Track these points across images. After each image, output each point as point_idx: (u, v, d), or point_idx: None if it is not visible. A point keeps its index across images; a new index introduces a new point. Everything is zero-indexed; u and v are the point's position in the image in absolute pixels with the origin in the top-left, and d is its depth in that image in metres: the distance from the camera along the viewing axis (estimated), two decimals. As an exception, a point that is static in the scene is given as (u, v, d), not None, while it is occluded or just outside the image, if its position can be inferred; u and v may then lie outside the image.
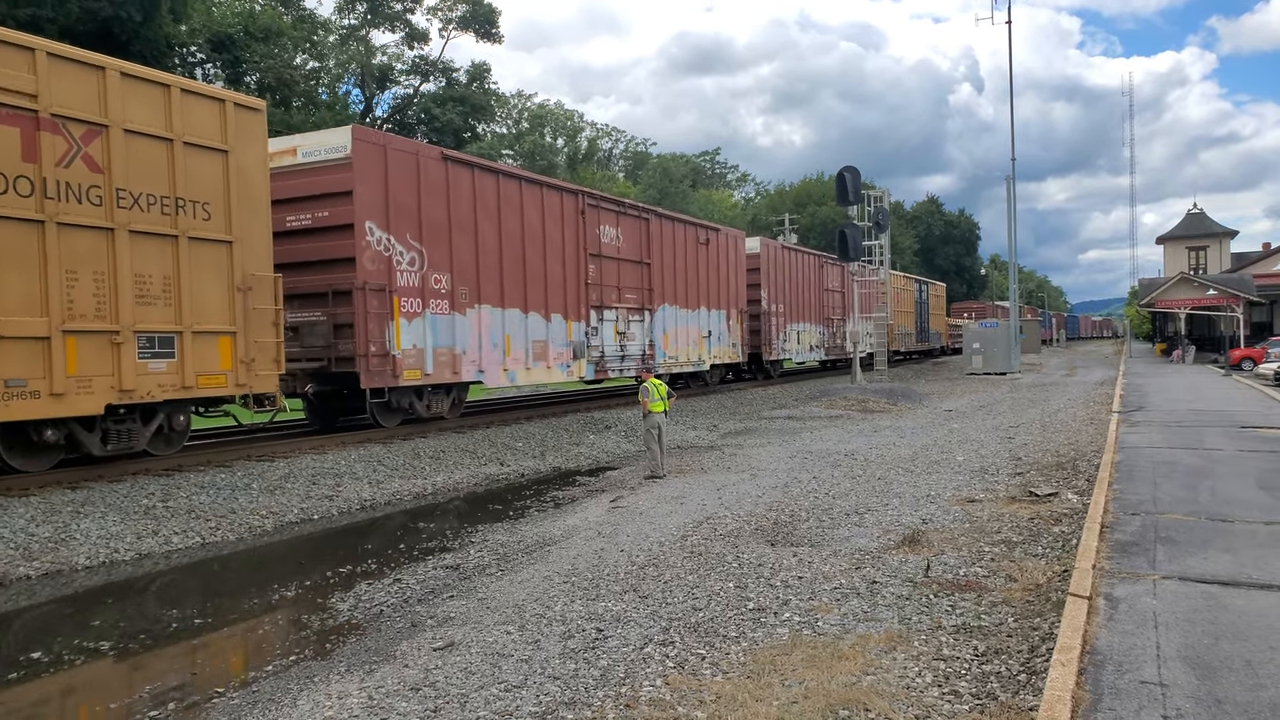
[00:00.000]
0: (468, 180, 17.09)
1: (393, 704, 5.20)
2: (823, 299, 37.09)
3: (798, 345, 34.07)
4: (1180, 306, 44.75)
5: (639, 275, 22.99)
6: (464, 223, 16.88)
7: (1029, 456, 13.92)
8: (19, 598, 8.21)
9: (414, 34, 50.65)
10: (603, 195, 22.52)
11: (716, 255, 27.50)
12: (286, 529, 10.96)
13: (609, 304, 21.59)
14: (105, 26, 29.82)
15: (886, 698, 4.94)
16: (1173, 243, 65.35)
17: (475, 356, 17.15)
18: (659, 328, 23.83)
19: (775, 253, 32.41)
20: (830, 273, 38.15)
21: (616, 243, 21.98)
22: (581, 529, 9.97)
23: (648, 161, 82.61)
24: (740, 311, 28.88)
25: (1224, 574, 6.63)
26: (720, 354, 27.45)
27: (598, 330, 20.97)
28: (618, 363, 21.79)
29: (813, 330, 35.86)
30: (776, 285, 31.97)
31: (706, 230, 27.48)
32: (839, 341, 38.89)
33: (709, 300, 26.93)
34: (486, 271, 17.43)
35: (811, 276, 35.81)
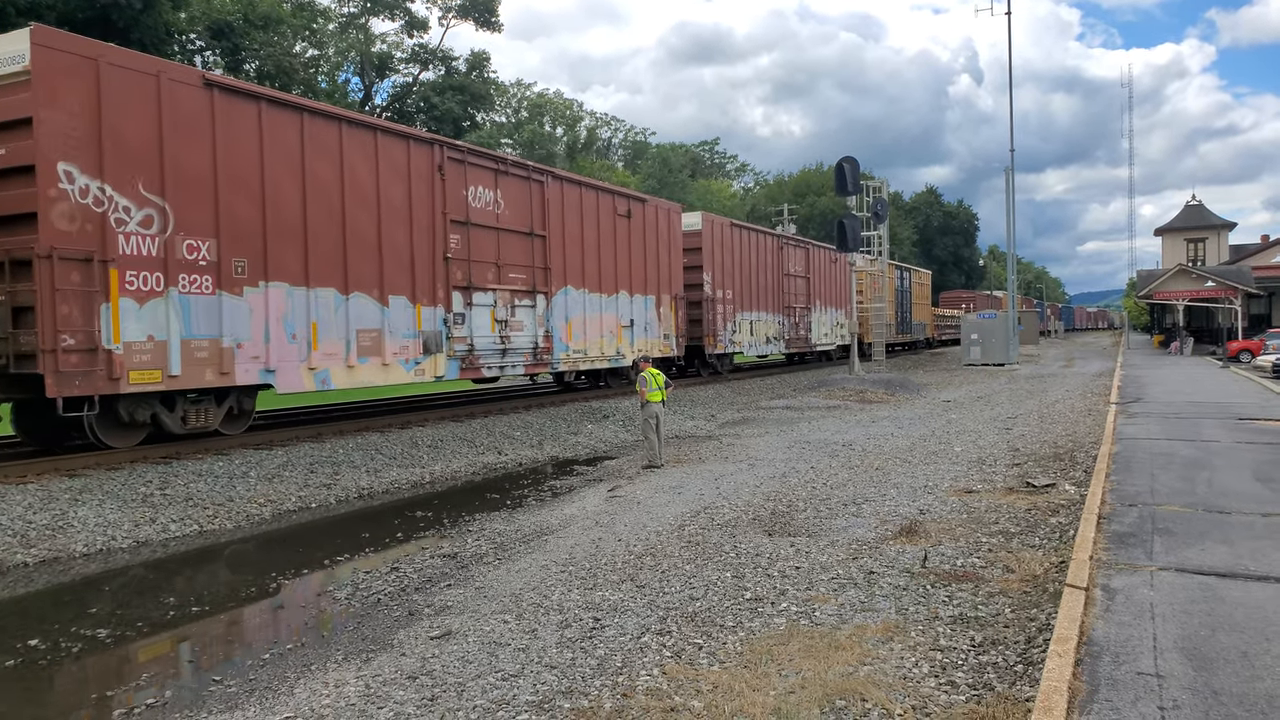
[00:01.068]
0: (250, 117, 12.80)
1: (390, 692, 5.20)
2: (783, 285, 33.01)
3: (751, 337, 30.11)
4: (1178, 298, 44.74)
5: (529, 250, 18.65)
6: (243, 174, 12.61)
7: (1027, 447, 13.92)
8: (16, 585, 8.21)
9: (413, 22, 50.41)
10: (473, 148, 17.77)
11: (643, 230, 23.18)
12: (284, 517, 10.96)
13: (483, 285, 17.26)
14: (104, 14, 29.67)
15: (883, 688, 4.95)
16: (1171, 234, 65.35)
17: (259, 350, 12.84)
18: (558, 315, 19.55)
19: (722, 231, 28.27)
20: (792, 255, 34.29)
21: (495, 209, 17.70)
22: (579, 518, 9.97)
23: (647, 151, 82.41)
24: (676, 298, 24.84)
25: (1221, 566, 6.63)
26: (647, 347, 23.28)
27: (465, 318, 16.77)
28: (496, 358, 17.59)
29: (770, 320, 31.86)
30: (724, 268, 28.02)
31: (629, 200, 22.93)
32: (803, 333, 35.01)
33: (632, 283, 22.62)
34: (280, 239, 13.12)
35: (769, 259, 31.87)
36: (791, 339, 33.89)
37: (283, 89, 39.15)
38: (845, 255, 36.92)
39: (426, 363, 15.97)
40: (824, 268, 37.42)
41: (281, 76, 39.12)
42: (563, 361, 19.86)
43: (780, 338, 32.83)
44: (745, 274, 29.70)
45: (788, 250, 33.87)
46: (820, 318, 37.01)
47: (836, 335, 38.90)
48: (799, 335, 34.67)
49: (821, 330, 37.19)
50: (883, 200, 35.79)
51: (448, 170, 16.50)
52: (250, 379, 12.84)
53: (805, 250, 35.65)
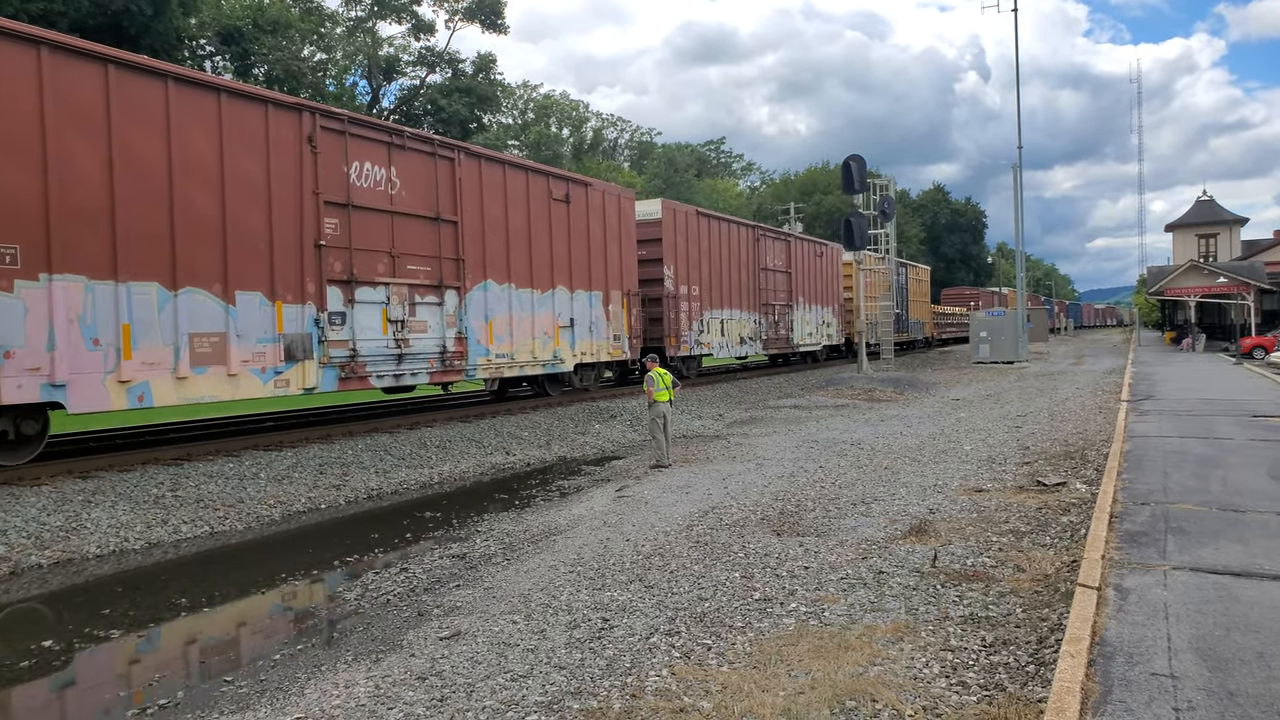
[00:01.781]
0: (24, 66, 10.32)
1: (399, 693, 5.20)
2: (759, 280, 30.03)
3: (722, 337, 27.31)
4: (1190, 294, 44.49)
5: (434, 238, 16.01)
6: (11, 136, 10.21)
7: (1037, 446, 13.86)
8: (31, 586, 8.26)
9: (420, 25, 50.49)
10: (356, 116, 15.06)
11: (586, 217, 20.44)
12: (294, 518, 10.98)
13: (371, 278, 14.63)
14: (115, 20, 29.84)
15: (894, 688, 4.92)
16: (1182, 230, 65.02)
17: (39, 360, 10.37)
18: (475, 314, 16.99)
19: (686, 220, 25.48)
20: (770, 249, 31.25)
21: (388, 189, 15.11)
22: (587, 518, 9.97)
23: (653, 151, 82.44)
24: (629, 294, 22.18)
25: (1236, 565, 6.58)
26: (592, 350, 20.62)
27: (346, 317, 14.14)
28: (389, 364, 15.03)
29: (745, 319, 29.05)
30: (689, 262, 25.28)
31: (567, 182, 20.12)
32: (784, 332, 32.10)
33: (573, 278, 20.01)
34: (74, 221, 10.71)
35: (743, 253, 29.02)
36: (770, 339, 30.96)
37: (291, 92, 39.39)
38: (833, 248, 36.12)
39: (291, 372, 13.32)
40: (808, 262, 34.77)
41: (290, 80, 39.27)
42: (482, 368, 17.31)
43: (757, 338, 29.94)
44: (715, 268, 26.90)
45: (765, 242, 30.89)
46: (804, 316, 34.19)
47: (823, 335, 36.18)
48: (779, 335, 31.75)
49: (805, 330, 34.31)
50: (889, 198, 35.70)
51: (321, 142, 13.82)
52: (24, 396, 10.23)
53: (786, 243, 32.80)
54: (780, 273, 32.04)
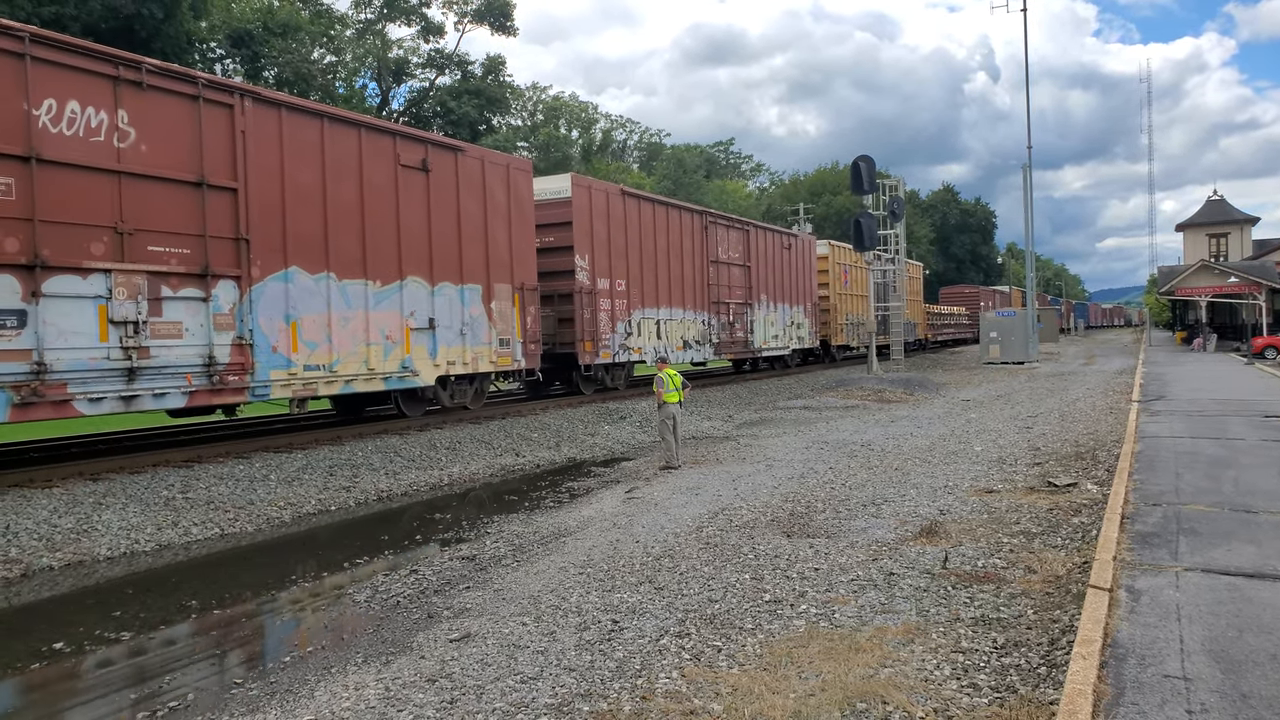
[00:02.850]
0: None
1: (409, 695, 5.21)
2: (709, 274, 26.06)
3: (658, 341, 23.24)
4: (1201, 294, 44.25)
5: (197, 210, 12.01)
6: None
7: (1048, 446, 13.80)
8: (42, 588, 8.30)
9: (430, 27, 50.68)
10: (45, 34, 10.59)
11: (456, 192, 16.29)
12: (304, 520, 11.01)
13: (75, 261, 10.61)
14: (128, 24, 30.01)
15: (905, 690, 4.91)
16: (1193, 230, 64.65)
17: None
18: (268, 312, 12.97)
19: (608, 201, 21.28)
20: (723, 238, 27.09)
21: (113, 140, 11.08)
22: (597, 520, 9.97)
23: (662, 152, 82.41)
24: (525, 289, 18.18)
25: (1248, 566, 6.54)
26: (467, 358, 16.63)
27: (28, 317, 10.18)
28: (115, 383, 10.95)
29: (690, 319, 24.91)
30: (614, 251, 21.32)
31: (425, 146, 15.84)
32: (740, 335, 28.02)
33: (434, 267, 15.82)
34: None
35: (688, 242, 24.99)
36: (725, 343, 27.00)
37: (301, 95, 39.60)
38: (803, 240, 32.63)
39: None
40: (773, 255, 30.47)
41: (300, 83, 39.42)
42: (281, 384, 13.16)
43: (706, 341, 25.88)
44: (649, 260, 22.84)
45: (717, 231, 26.76)
46: (768, 316, 29.91)
47: (791, 337, 31.74)
48: (734, 338, 27.67)
49: (769, 331, 30.06)
50: (899, 199, 35.63)
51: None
52: None
53: (744, 233, 28.64)
54: (736, 266, 27.88)
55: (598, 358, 20.81)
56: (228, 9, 40.19)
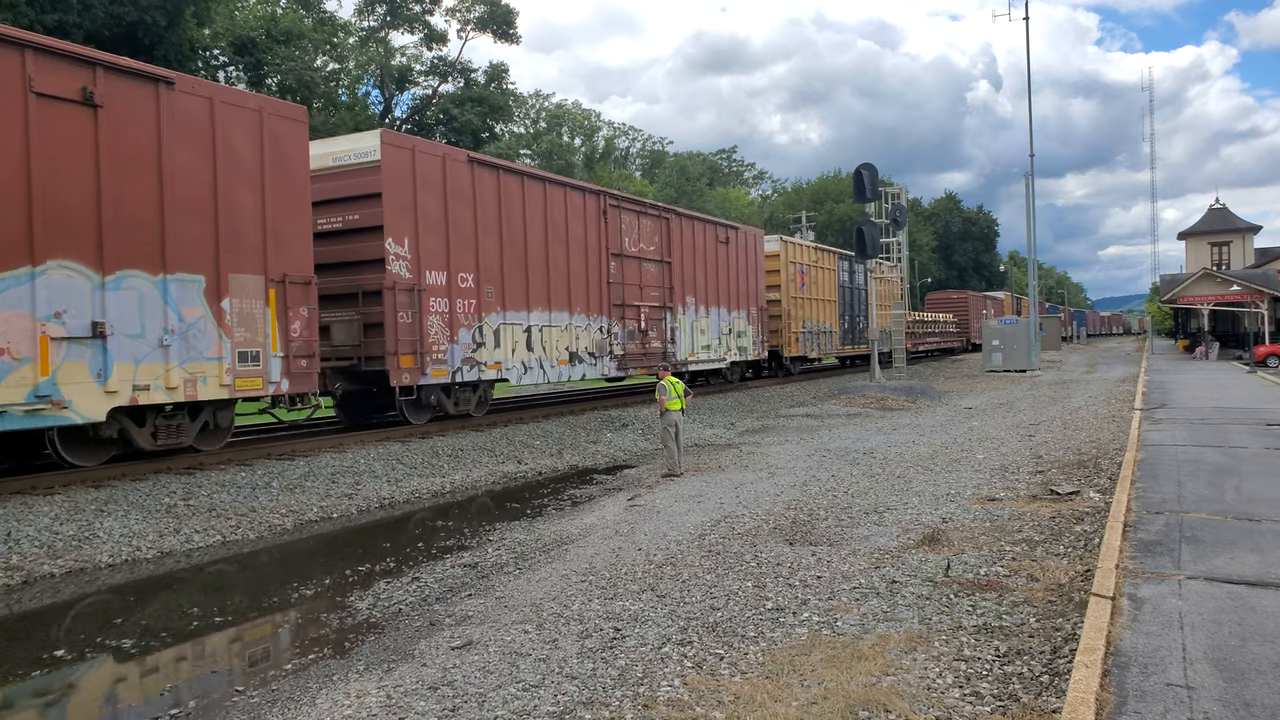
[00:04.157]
0: None
1: (411, 703, 5.20)
2: (608, 271, 21.02)
3: (529, 353, 18.38)
4: (1203, 303, 44.25)
5: None
6: None
7: (1050, 454, 13.79)
8: (43, 595, 8.29)
9: (432, 35, 50.82)
10: None
11: (155, 137, 11.64)
12: (306, 527, 11.01)
13: None
14: (131, 31, 30.11)
15: (907, 699, 4.90)
16: (1195, 238, 64.64)
17: None
18: None
19: (444, 170, 16.30)
20: (633, 226, 22.07)
21: None
22: (599, 527, 9.96)
23: (664, 160, 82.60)
24: (287, 283, 13.29)
25: (1251, 574, 6.53)
26: (173, 379, 11.67)
27: None
28: None
29: (581, 325, 20.03)
30: (452, 235, 16.36)
31: (85, 66, 10.92)
32: (657, 345, 23.04)
33: (100, 248, 10.97)
34: None
35: (579, 228, 19.97)
36: (632, 355, 21.88)
37: (304, 102, 39.81)
38: (746, 233, 28.57)
39: None
40: (704, 250, 25.67)
41: (303, 90, 39.54)
42: None
43: (605, 353, 20.82)
44: (514, 249, 18.00)
45: (623, 217, 21.63)
46: (696, 323, 25.12)
47: (730, 347, 27.08)
48: (648, 349, 22.60)
49: (698, 341, 25.26)
50: (901, 207, 35.68)
51: None
52: None
53: (662, 221, 23.48)
54: (651, 262, 22.90)
55: (425, 376, 15.73)
56: (231, 16, 40.34)
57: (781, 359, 32.03)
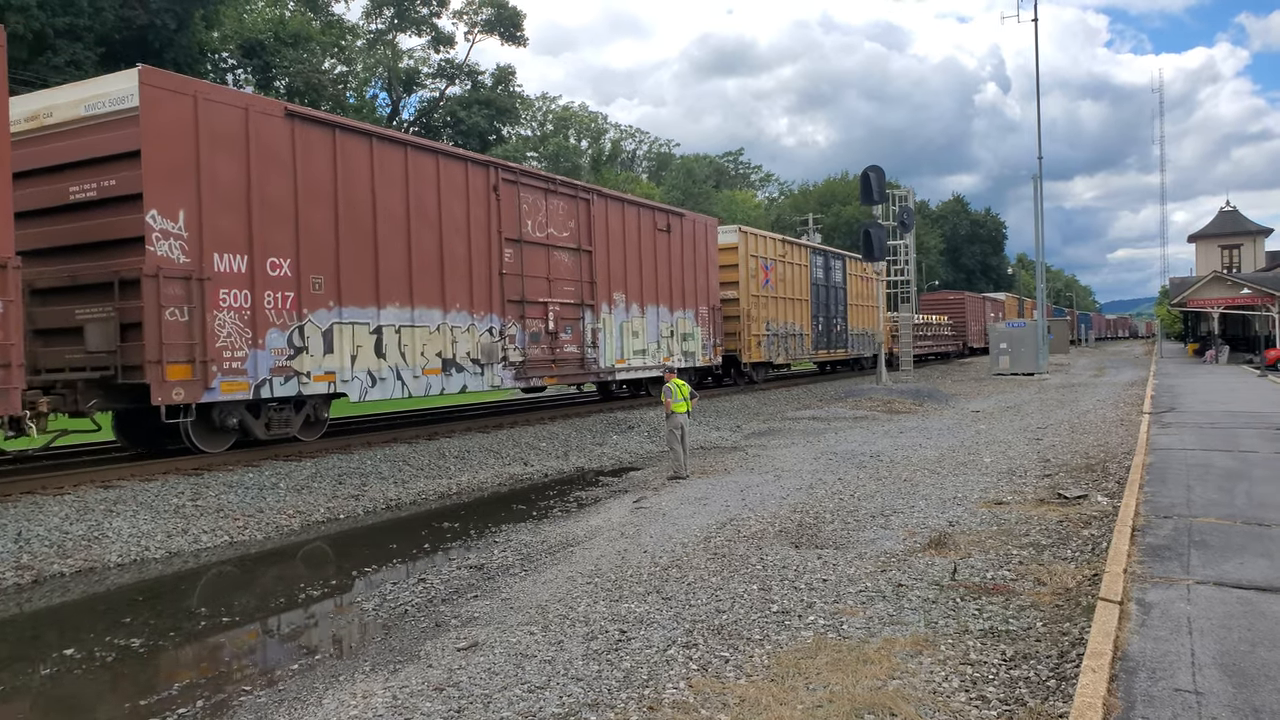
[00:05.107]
0: None
1: (417, 704, 5.21)
2: (502, 260, 17.19)
3: (379, 361, 14.52)
4: (1213, 306, 44.03)
5: None
6: None
7: (1058, 458, 13.74)
8: (53, 595, 8.33)
9: (440, 38, 51.00)
10: None
11: None
12: (313, 528, 11.04)
13: None
14: (141, 34, 30.29)
15: (913, 702, 4.89)
16: (1205, 241, 64.37)
17: None
18: None
19: (246, 125, 12.62)
20: (537, 207, 18.30)
21: None
22: (605, 529, 9.96)
23: (671, 163, 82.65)
24: None
25: (1261, 579, 6.50)
26: None
27: None
28: None
29: (463, 327, 16.25)
30: (255, 208, 12.74)
31: None
32: (573, 350, 19.30)
33: None
34: None
35: (457, 207, 16.22)
36: (537, 361, 18.18)
37: (312, 105, 39.94)
38: (695, 221, 24.99)
39: None
40: (637, 238, 21.87)
41: (311, 93, 39.68)
42: None
43: (497, 358, 17.04)
44: (356, 227, 14.16)
45: (522, 195, 17.87)
46: (628, 324, 21.42)
47: (673, 352, 23.25)
48: (559, 354, 18.90)
49: (630, 345, 21.50)
50: (909, 209, 35.58)
51: None
52: None
53: (580, 203, 19.67)
54: (564, 250, 19.10)
55: (211, 390, 11.96)
56: (239, 20, 40.51)
57: (741, 364, 28.02)
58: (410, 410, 21.78)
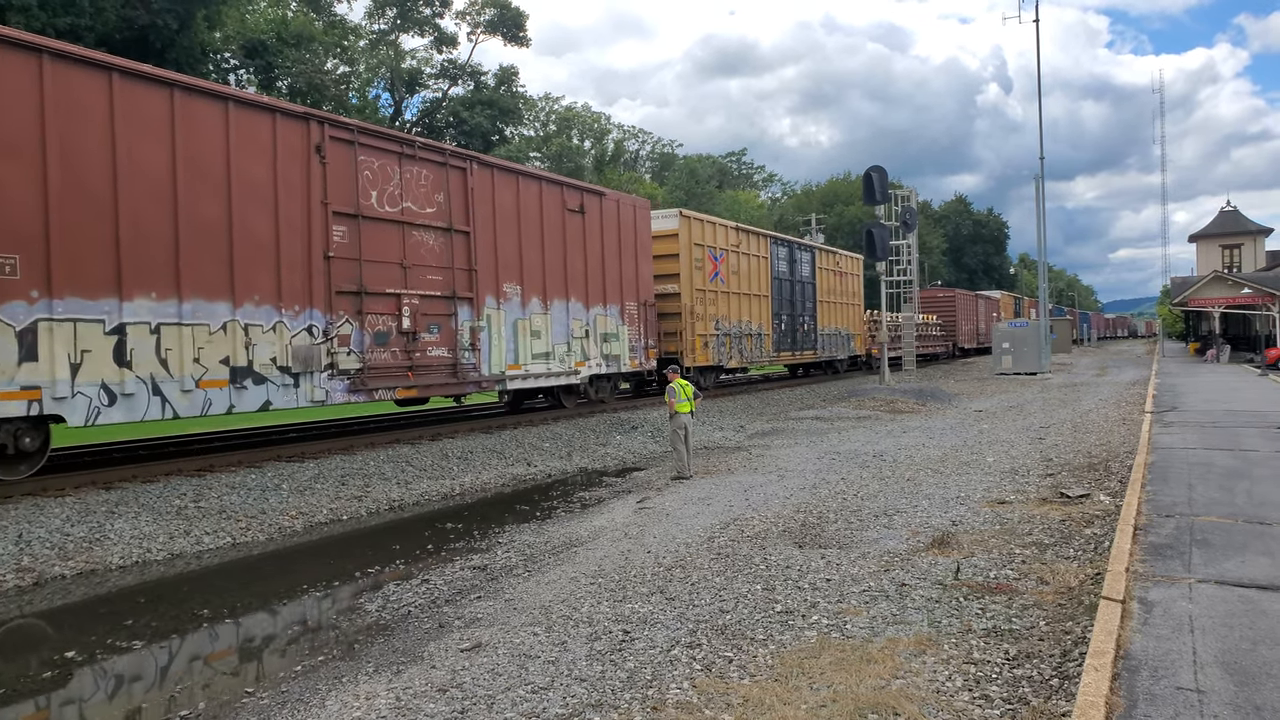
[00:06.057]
0: None
1: (420, 705, 5.21)
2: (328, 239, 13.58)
3: (121, 372, 10.89)
4: (1214, 305, 44.01)
5: None
6: None
7: (1060, 457, 13.74)
8: (54, 597, 8.34)
9: (443, 38, 51.01)
10: None
11: None
12: (316, 529, 11.05)
13: None
14: (142, 34, 30.31)
15: (916, 702, 4.89)
16: (1206, 241, 64.32)
17: None
18: None
19: None
20: (388, 175, 14.75)
21: None
22: (608, 530, 9.97)
23: (674, 163, 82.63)
24: None
25: (1262, 578, 6.50)
26: None
27: None
28: None
29: (266, 326, 12.73)
30: None
31: None
32: (444, 352, 15.71)
33: None
34: None
35: (259, 170, 12.70)
36: (385, 369, 14.53)
37: (314, 105, 39.96)
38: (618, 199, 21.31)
39: None
40: (543, 219, 18.35)
41: (313, 93, 39.71)
42: None
43: (318, 365, 13.42)
44: (82, 192, 10.69)
45: (361, 158, 14.24)
46: (524, 323, 17.78)
47: (589, 354, 19.71)
48: (424, 360, 15.31)
49: (529, 347, 17.90)
50: (911, 209, 35.61)
51: None
52: None
53: (453, 173, 16.06)
54: (430, 230, 15.48)
55: None
56: (241, 20, 40.55)
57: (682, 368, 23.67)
58: (413, 412, 21.79)
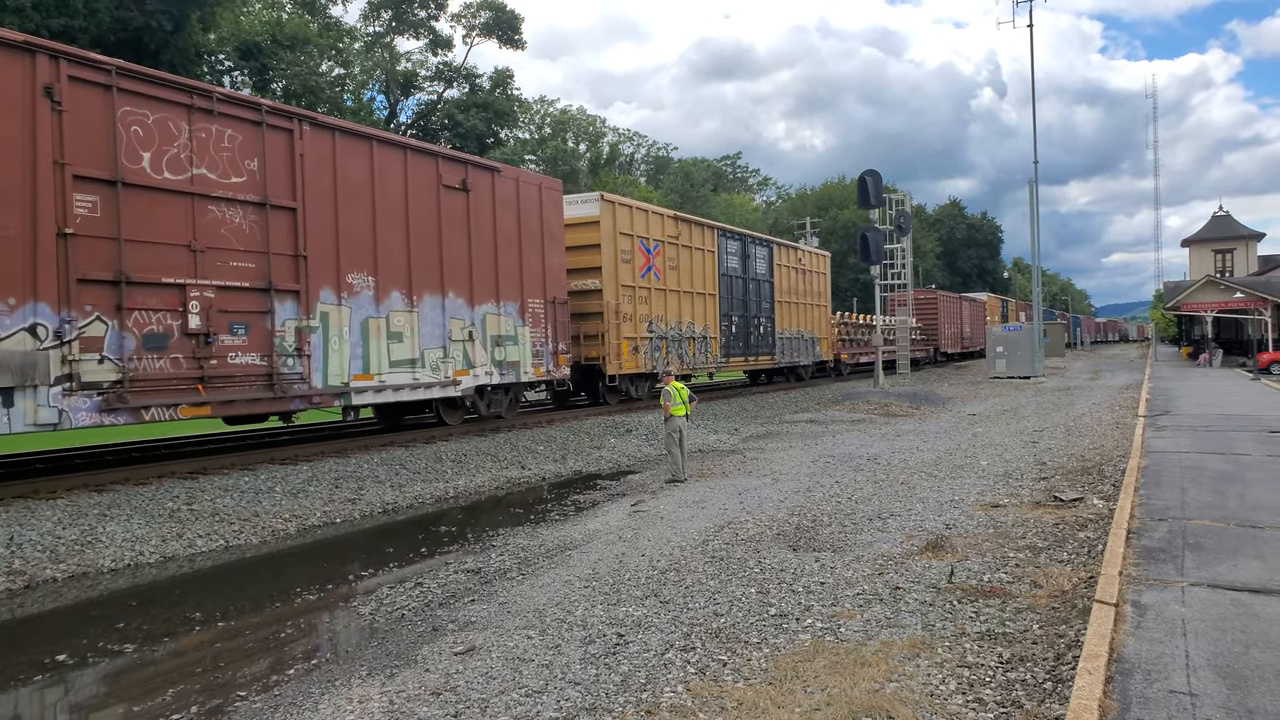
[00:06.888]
0: None
1: (413, 709, 5.20)
2: (51, 211, 10.19)
3: None
4: (1207, 309, 44.18)
5: None
6: None
7: (1054, 461, 13.77)
8: (45, 600, 8.31)
9: (438, 41, 51.02)
10: None
11: None
12: (309, 532, 11.02)
13: None
14: (136, 36, 30.26)
15: (910, 705, 4.89)
16: (1198, 245, 64.64)
17: None
18: None
19: None
20: (175, 132, 11.54)
21: None
22: (602, 533, 9.96)
23: (669, 166, 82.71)
24: None
25: (1255, 581, 6.52)
26: None
27: None
28: None
29: None
30: None
31: None
32: (245, 359, 12.35)
33: None
34: None
35: None
36: (159, 378, 11.27)
37: (309, 107, 39.94)
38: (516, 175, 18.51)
39: None
40: (410, 197, 15.39)
41: (308, 95, 39.67)
42: None
43: (47, 379, 10.09)
44: None
45: (123, 107, 11.04)
46: (379, 323, 14.78)
47: (474, 361, 16.84)
48: (221, 368, 12.06)
49: (388, 352, 14.93)
50: (905, 213, 35.70)
51: None
52: None
53: (273, 135, 12.97)
54: (237, 204, 12.47)
55: None
56: (236, 22, 40.49)
57: (604, 378, 21.38)
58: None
